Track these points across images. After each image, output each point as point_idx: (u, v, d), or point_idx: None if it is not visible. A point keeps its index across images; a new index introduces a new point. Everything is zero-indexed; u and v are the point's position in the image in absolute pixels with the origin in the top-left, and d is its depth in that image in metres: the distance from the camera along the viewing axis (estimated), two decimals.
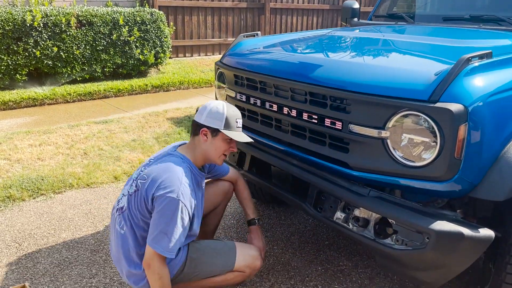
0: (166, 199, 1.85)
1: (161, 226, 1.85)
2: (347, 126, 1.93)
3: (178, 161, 1.99)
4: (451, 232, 1.68)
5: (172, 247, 1.87)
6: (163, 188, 1.87)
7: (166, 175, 1.90)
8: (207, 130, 2.04)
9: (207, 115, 2.04)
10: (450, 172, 1.72)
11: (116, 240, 2.05)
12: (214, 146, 2.06)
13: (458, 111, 1.64)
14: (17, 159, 4.20)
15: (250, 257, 2.13)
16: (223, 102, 2.09)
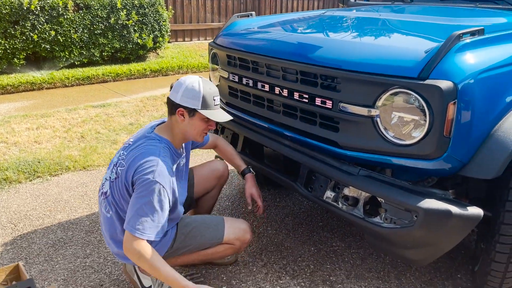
0: (143, 182, 1.82)
1: (140, 210, 1.81)
2: (337, 105, 1.91)
3: (154, 144, 1.95)
4: (439, 210, 1.68)
5: (151, 229, 1.82)
6: (140, 171, 1.84)
7: (143, 159, 1.87)
8: (184, 110, 1.95)
9: (182, 94, 1.93)
10: (439, 150, 1.71)
11: (104, 222, 2.06)
12: (192, 125, 1.99)
13: (447, 88, 1.62)
14: (14, 142, 4.21)
15: (240, 230, 2.14)
16: (198, 79, 1.98)
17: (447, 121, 1.66)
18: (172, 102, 1.97)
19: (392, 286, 2.33)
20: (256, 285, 2.32)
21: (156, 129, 2.05)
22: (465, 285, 2.35)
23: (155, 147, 1.93)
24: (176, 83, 1.99)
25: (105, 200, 2.02)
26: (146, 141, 1.97)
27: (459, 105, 1.65)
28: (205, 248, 2.11)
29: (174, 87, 1.99)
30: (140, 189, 1.83)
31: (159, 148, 1.93)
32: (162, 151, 1.93)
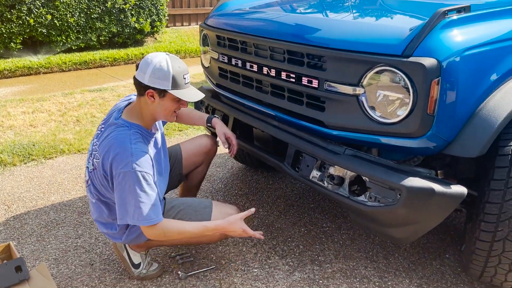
0: (126, 175, 1.81)
1: (132, 202, 1.82)
2: (323, 84, 1.91)
3: (124, 132, 1.90)
4: (422, 188, 1.69)
5: (154, 213, 1.86)
6: (116, 165, 1.83)
7: (116, 152, 1.84)
8: (153, 91, 1.86)
9: (151, 75, 1.83)
10: (423, 128, 1.71)
11: (91, 206, 2.08)
12: (162, 106, 1.92)
13: (430, 66, 1.61)
14: (10, 125, 4.22)
15: (227, 215, 2.13)
16: (166, 56, 1.88)
17: (431, 99, 1.65)
18: (139, 83, 1.87)
19: (380, 266, 2.35)
20: (245, 265, 2.35)
21: (124, 112, 1.98)
22: (453, 265, 2.37)
23: (124, 136, 1.87)
24: (143, 62, 1.88)
25: (88, 187, 2.04)
26: (115, 130, 1.90)
27: (443, 83, 1.65)
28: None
29: (141, 66, 1.88)
30: (126, 183, 1.82)
31: (129, 135, 1.88)
32: (133, 138, 1.88)
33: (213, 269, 2.31)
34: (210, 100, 2.73)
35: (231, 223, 1.99)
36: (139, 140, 1.91)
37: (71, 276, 2.25)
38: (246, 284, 2.20)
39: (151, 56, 1.89)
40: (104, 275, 2.26)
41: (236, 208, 2.23)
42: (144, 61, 1.88)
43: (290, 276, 2.25)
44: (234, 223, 1.99)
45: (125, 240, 2.03)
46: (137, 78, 1.90)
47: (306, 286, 2.18)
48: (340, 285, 2.20)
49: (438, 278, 2.26)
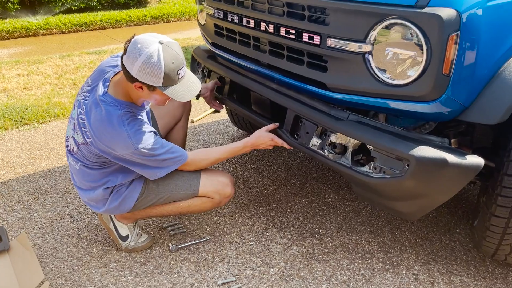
0: (130, 155, 1.73)
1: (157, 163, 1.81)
2: (325, 40, 1.69)
3: (114, 113, 1.71)
4: (434, 158, 1.50)
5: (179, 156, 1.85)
6: (118, 149, 1.72)
7: (111, 137, 1.70)
8: (142, 84, 1.65)
9: (140, 69, 1.59)
10: (437, 90, 1.50)
11: (72, 172, 1.93)
12: (152, 98, 1.75)
13: (448, 18, 1.39)
14: (3, 88, 4.08)
15: (219, 183, 1.97)
16: (158, 46, 1.60)
17: (447, 57, 1.44)
18: (127, 72, 1.63)
19: (384, 240, 2.19)
20: (241, 237, 2.21)
21: (111, 86, 1.77)
22: (464, 240, 2.21)
23: (116, 118, 1.70)
24: (132, 49, 1.60)
25: (72, 155, 1.88)
26: (104, 110, 1.71)
27: (462, 38, 1.43)
28: (180, 199, 1.96)
29: (129, 53, 1.61)
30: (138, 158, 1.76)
31: (120, 116, 1.71)
32: (125, 118, 1.71)
33: (207, 241, 2.17)
34: (206, 61, 2.53)
35: (258, 136, 1.99)
36: (131, 118, 1.74)
37: (56, 246, 2.13)
38: (241, 257, 2.06)
39: (142, 43, 1.60)
40: (91, 246, 2.14)
41: (228, 174, 2.07)
42: (133, 48, 1.61)
43: (288, 250, 2.11)
44: (261, 136, 1.98)
45: (107, 209, 1.89)
46: (124, 65, 1.65)
47: (304, 261, 2.04)
48: (341, 260, 2.05)
49: (447, 254, 2.11)
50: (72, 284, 1.90)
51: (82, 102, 1.80)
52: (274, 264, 2.02)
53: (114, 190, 1.87)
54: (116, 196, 1.87)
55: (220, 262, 2.03)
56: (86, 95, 1.82)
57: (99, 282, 1.91)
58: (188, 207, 1.99)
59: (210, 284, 1.90)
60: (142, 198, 1.89)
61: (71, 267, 2.00)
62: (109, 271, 1.97)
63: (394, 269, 2.00)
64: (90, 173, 1.85)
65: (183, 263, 2.03)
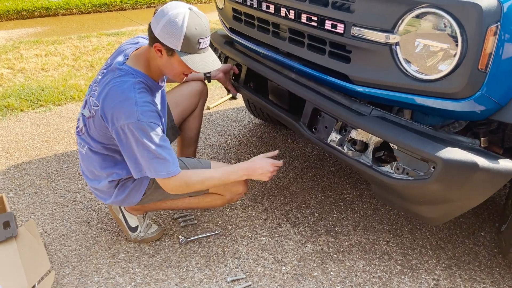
0: (128, 128, 1.58)
1: (145, 154, 1.60)
2: (350, 29, 1.57)
3: (128, 79, 1.64)
4: (463, 161, 1.38)
5: (171, 163, 1.64)
6: (119, 116, 1.59)
7: (118, 100, 1.60)
8: (161, 46, 1.61)
9: (162, 28, 1.56)
10: (471, 87, 1.37)
11: (80, 158, 1.87)
12: (170, 65, 1.67)
13: (488, 8, 1.26)
14: (21, 68, 4.05)
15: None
16: (186, 11, 1.59)
17: (484, 50, 1.31)
18: (151, 32, 1.61)
19: (403, 241, 2.09)
20: (253, 232, 2.13)
21: (130, 59, 1.73)
22: (489, 244, 2.08)
23: (129, 84, 1.62)
24: (160, 10, 1.61)
25: (80, 137, 1.82)
26: (118, 77, 1.65)
27: (503, 30, 1.29)
28: (189, 196, 1.88)
29: (157, 14, 1.61)
30: (134, 135, 1.59)
31: (134, 83, 1.63)
32: (138, 86, 1.63)
33: (218, 234, 2.10)
34: (223, 46, 2.43)
35: (256, 161, 1.77)
36: (144, 90, 1.66)
37: (66, 234, 2.10)
38: (252, 253, 1.99)
39: (171, 5, 1.61)
40: (100, 235, 2.09)
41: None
42: (162, 9, 1.61)
43: (302, 248, 2.03)
44: (260, 161, 1.77)
45: (114, 200, 1.82)
46: (151, 25, 1.63)
47: (318, 260, 1.96)
48: (357, 261, 1.96)
49: (471, 259, 1.99)
50: (79, 274, 1.86)
51: (99, 77, 1.75)
52: (286, 262, 1.94)
53: (119, 183, 1.80)
54: (122, 189, 1.80)
55: (231, 258, 1.96)
56: (103, 71, 1.76)
57: (106, 273, 1.87)
58: (198, 203, 1.91)
59: (219, 281, 1.83)
60: (149, 192, 1.82)
61: (79, 256, 1.96)
62: (117, 262, 1.93)
63: (413, 273, 1.90)
64: (95, 159, 1.78)
65: (193, 256, 1.96)
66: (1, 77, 3.84)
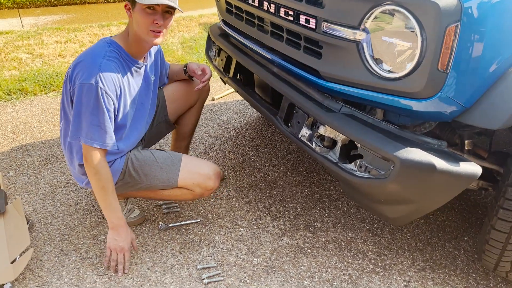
0: (83, 87, 1.62)
1: (89, 118, 1.64)
2: (321, 24, 1.57)
3: (101, 46, 1.72)
4: (420, 162, 1.36)
5: (106, 137, 1.68)
6: (80, 74, 1.64)
7: (84, 61, 1.67)
8: (128, 2, 1.72)
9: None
10: (432, 87, 1.35)
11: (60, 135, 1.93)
12: (137, 21, 1.70)
13: (447, 7, 1.23)
14: (39, 54, 4.21)
15: (200, 176, 1.90)
16: None
17: (444, 50, 1.28)
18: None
19: (382, 241, 2.07)
20: (233, 222, 2.16)
21: (114, 36, 1.82)
22: (470, 249, 2.04)
23: (100, 49, 1.70)
24: None
25: (60, 113, 1.88)
26: (96, 44, 1.75)
27: (464, 31, 1.26)
28: (160, 189, 1.93)
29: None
30: (85, 96, 1.63)
31: (105, 51, 1.70)
32: (108, 54, 1.69)
33: (197, 223, 2.15)
34: (217, 38, 2.46)
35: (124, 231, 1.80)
36: (114, 59, 1.72)
37: (54, 213, 2.19)
38: (227, 243, 2.02)
39: None
40: (86, 217, 2.17)
41: (213, 166, 1.96)
42: None
43: (277, 241, 2.04)
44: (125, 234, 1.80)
45: (87, 185, 1.88)
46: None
47: (291, 253, 1.97)
48: (330, 257, 1.96)
49: (447, 263, 1.96)
50: (59, 252, 1.95)
51: None
52: (259, 254, 1.97)
53: None
54: None
55: (206, 246, 2.00)
56: None
57: (84, 253, 1.94)
58: (169, 196, 1.95)
59: (190, 267, 1.88)
60: (121, 183, 1.86)
61: (62, 235, 2.04)
62: (96, 244, 2.00)
63: (385, 272, 1.89)
64: (65, 135, 1.83)
65: (169, 243, 2.02)
66: (20, 62, 4.00)
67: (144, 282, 1.80)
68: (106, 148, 1.71)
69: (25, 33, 4.80)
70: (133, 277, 1.81)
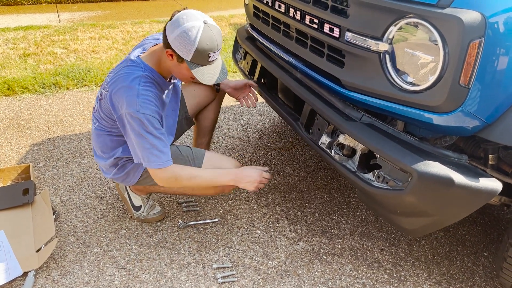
0: (129, 116, 1.69)
1: (142, 144, 1.71)
2: (344, 34, 1.58)
3: (136, 71, 1.75)
4: (438, 176, 1.35)
5: (164, 155, 1.75)
6: (121, 104, 1.70)
7: (122, 90, 1.71)
8: (173, 53, 1.69)
9: (176, 37, 1.63)
10: (452, 102, 1.34)
11: (92, 133, 2.01)
12: (179, 70, 1.76)
13: (471, 21, 1.22)
14: (74, 49, 4.34)
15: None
16: (201, 24, 1.64)
17: (467, 66, 1.27)
18: (165, 37, 1.69)
19: (398, 251, 2.06)
20: (250, 224, 2.19)
21: (147, 52, 1.84)
22: (489, 266, 2.00)
23: (135, 75, 1.74)
24: (177, 18, 1.67)
25: (93, 114, 1.96)
26: (127, 66, 1.77)
27: (487, 46, 1.25)
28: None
29: (174, 20, 1.67)
30: (133, 124, 1.70)
31: (140, 76, 1.74)
32: (143, 80, 1.74)
33: (215, 222, 2.19)
34: (244, 41, 2.49)
35: (246, 170, 1.87)
36: (149, 83, 1.77)
37: (79, 206, 2.27)
38: (244, 245, 2.05)
39: (187, 16, 1.66)
40: (109, 210, 2.25)
41: (235, 162, 2.01)
42: (179, 17, 1.67)
43: (293, 245, 2.06)
44: (250, 170, 1.87)
45: (113, 176, 1.96)
46: (165, 29, 1.71)
47: (306, 259, 1.98)
48: (345, 265, 1.97)
49: (465, 278, 1.93)
50: (81, 244, 2.02)
51: (117, 65, 1.88)
52: (274, 257, 1.99)
53: (119, 164, 1.93)
54: (121, 169, 1.93)
55: (222, 246, 2.04)
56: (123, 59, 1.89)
57: (105, 246, 2.01)
58: (192, 190, 2.01)
59: (206, 266, 1.92)
60: (146, 175, 1.93)
61: (85, 228, 2.12)
62: (117, 237, 2.07)
63: (400, 283, 1.88)
64: (101, 139, 1.91)
65: (187, 240, 2.06)
66: (55, 56, 4.15)
67: (160, 278, 1.85)
68: (166, 166, 1.76)
69: (61, 28, 4.97)
70: (150, 273, 1.87)
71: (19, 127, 3.02)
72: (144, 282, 1.82)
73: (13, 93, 3.49)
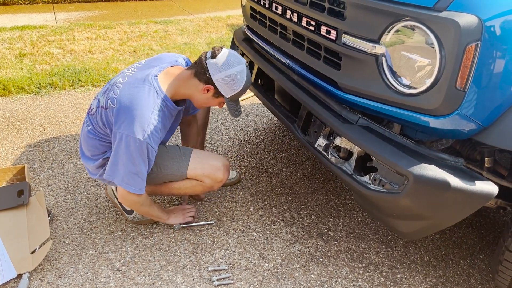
0: (129, 138, 1.69)
1: (129, 167, 1.74)
2: (341, 36, 1.58)
3: (152, 96, 1.75)
4: (434, 179, 1.35)
5: (143, 183, 1.81)
6: (129, 128, 1.69)
7: (134, 112, 1.70)
8: (213, 89, 1.82)
9: (223, 78, 1.79)
10: (448, 105, 1.34)
11: (81, 133, 2.00)
12: (207, 101, 1.89)
13: (467, 25, 1.22)
14: (70, 49, 4.33)
15: (210, 167, 1.97)
16: (244, 68, 1.83)
17: (463, 69, 1.27)
18: (206, 72, 1.79)
19: (394, 254, 2.06)
20: (246, 226, 2.19)
21: (163, 74, 1.83)
22: (485, 268, 2.01)
23: (151, 101, 1.74)
24: (224, 58, 1.79)
25: (88, 116, 1.95)
26: (144, 87, 1.76)
27: (483, 50, 1.25)
28: (171, 180, 1.99)
29: (220, 59, 1.78)
30: (131, 147, 1.71)
31: (155, 103, 1.74)
32: (157, 108, 1.74)
33: (211, 224, 2.18)
34: (241, 43, 2.49)
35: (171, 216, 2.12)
36: (160, 111, 1.77)
37: (74, 207, 2.26)
38: (240, 247, 2.05)
39: (235, 58, 1.82)
40: (104, 212, 2.24)
41: (222, 159, 2.04)
42: (227, 59, 1.80)
43: (289, 247, 2.06)
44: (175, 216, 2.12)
45: (99, 177, 1.98)
46: (207, 65, 1.79)
47: (302, 261, 1.98)
48: (341, 267, 1.96)
49: (461, 281, 1.93)
50: (77, 245, 2.01)
51: (127, 74, 1.86)
52: (270, 259, 1.98)
53: (105, 167, 1.92)
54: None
55: (218, 248, 2.03)
56: (134, 70, 1.88)
57: (100, 248, 2.00)
58: (179, 189, 2.02)
59: (201, 269, 1.91)
60: None
61: (80, 229, 2.11)
62: (113, 239, 2.06)
63: (395, 286, 1.88)
64: (91, 142, 1.91)
65: (183, 242, 2.05)
66: (52, 57, 4.13)
67: (156, 280, 1.84)
68: (140, 194, 1.83)
69: (58, 28, 4.95)
70: (146, 275, 1.86)
71: (14, 127, 3.01)
72: (140, 284, 1.81)
73: (8, 93, 3.47)
